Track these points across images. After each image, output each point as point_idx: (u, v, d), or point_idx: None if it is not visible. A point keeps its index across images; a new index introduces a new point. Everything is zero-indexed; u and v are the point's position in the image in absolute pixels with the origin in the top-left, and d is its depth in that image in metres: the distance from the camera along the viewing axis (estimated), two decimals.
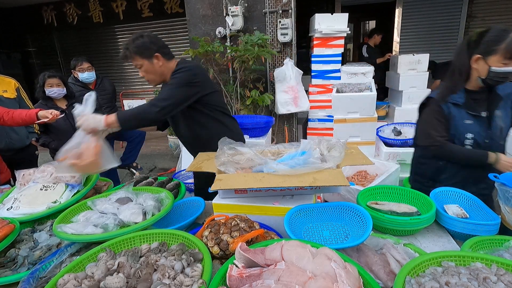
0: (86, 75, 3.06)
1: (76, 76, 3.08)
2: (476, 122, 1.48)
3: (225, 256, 1.04)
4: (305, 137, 4.30)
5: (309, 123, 4.19)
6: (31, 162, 2.69)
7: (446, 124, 1.52)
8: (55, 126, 2.70)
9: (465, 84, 1.49)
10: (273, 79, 4.04)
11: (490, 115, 1.47)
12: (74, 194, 1.49)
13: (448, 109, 1.50)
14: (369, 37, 5.49)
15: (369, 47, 5.37)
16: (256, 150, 1.42)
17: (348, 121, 3.65)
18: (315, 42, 3.79)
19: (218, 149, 1.44)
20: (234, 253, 0.91)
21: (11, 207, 1.40)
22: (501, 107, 1.47)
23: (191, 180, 2.01)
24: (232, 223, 1.10)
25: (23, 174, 1.60)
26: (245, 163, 1.36)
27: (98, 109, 3.14)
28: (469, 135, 1.48)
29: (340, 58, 3.82)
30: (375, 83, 3.89)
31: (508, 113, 1.48)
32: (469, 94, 1.47)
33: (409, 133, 3.45)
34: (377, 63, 5.03)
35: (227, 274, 0.83)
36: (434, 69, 4.91)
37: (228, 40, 4.37)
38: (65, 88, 2.66)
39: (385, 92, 4.91)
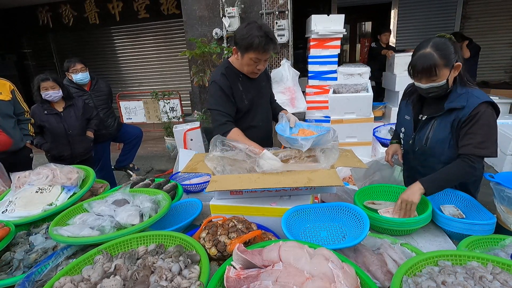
0: (80, 76, 3.03)
1: (70, 78, 3.06)
2: (412, 120, 1.61)
3: (222, 257, 1.04)
4: None
5: None
6: (26, 165, 2.67)
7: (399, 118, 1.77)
8: (48, 128, 2.68)
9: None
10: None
11: (427, 120, 1.52)
12: (70, 197, 1.48)
13: (402, 105, 1.72)
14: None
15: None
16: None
17: (345, 121, 3.66)
18: (311, 43, 3.80)
19: (210, 147, 1.44)
20: (231, 255, 0.91)
21: (6, 210, 1.39)
22: (440, 118, 1.47)
23: (189, 182, 2.01)
24: (230, 224, 1.10)
25: (18, 177, 1.58)
26: (236, 156, 1.37)
27: (93, 110, 3.14)
28: (402, 129, 1.68)
29: (336, 59, 3.84)
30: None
31: (444, 126, 1.45)
32: (426, 99, 1.56)
33: None
34: (381, 53, 5.04)
35: (224, 276, 0.83)
36: None
37: (225, 41, 4.37)
38: (60, 90, 2.67)
39: (381, 92, 4.94)
